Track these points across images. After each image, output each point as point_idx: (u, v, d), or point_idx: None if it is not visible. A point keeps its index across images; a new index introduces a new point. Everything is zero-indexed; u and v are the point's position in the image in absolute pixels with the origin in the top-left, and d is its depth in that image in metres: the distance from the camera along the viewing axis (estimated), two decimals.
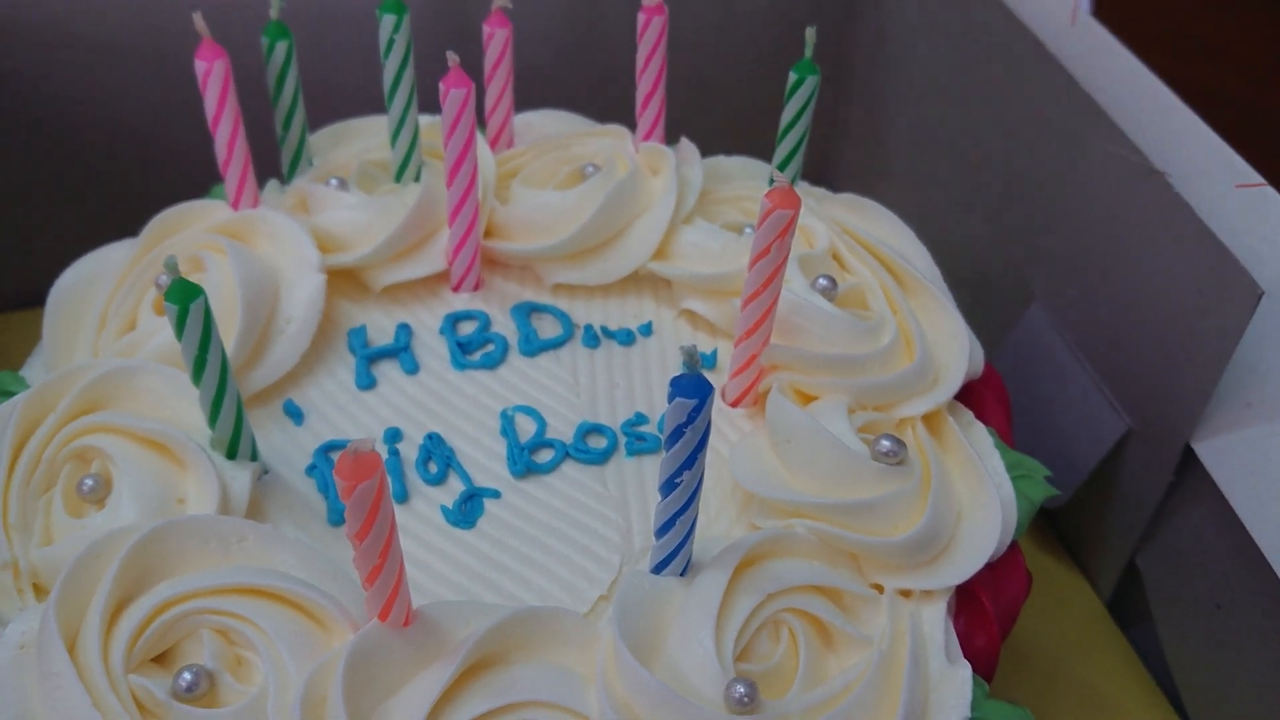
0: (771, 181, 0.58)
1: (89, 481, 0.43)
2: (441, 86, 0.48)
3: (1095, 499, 0.59)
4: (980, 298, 0.56)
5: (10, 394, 0.48)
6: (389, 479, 0.38)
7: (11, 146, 0.67)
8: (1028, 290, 0.62)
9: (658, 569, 0.41)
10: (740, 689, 0.37)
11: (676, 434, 0.37)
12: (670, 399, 0.36)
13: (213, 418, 0.44)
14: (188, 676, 0.37)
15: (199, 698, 0.37)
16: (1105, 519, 0.59)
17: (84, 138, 0.67)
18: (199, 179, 0.61)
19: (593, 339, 0.53)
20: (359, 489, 0.33)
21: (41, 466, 0.44)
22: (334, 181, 0.56)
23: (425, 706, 0.36)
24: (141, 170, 0.68)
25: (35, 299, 0.52)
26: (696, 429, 0.36)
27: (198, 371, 0.42)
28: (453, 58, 0.48)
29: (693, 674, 0.38)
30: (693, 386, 0.36)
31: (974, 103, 0.65)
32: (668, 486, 0.38)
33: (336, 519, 0.45)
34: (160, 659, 0.39)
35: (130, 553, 0.39)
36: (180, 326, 0.41)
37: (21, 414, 0.44)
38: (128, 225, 0.55)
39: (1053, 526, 0.64)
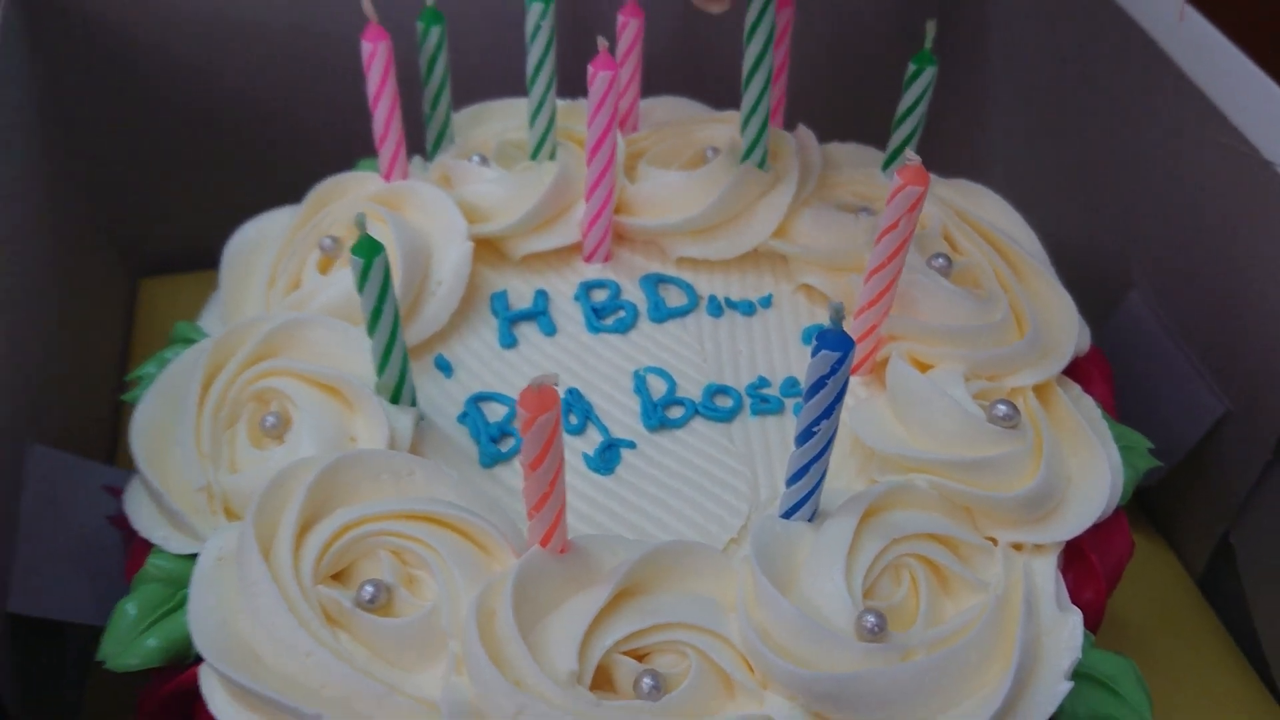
0: (889, 162, 0.61)
1: (270, 419, 0.48)
2: (590, 68, 0.52)
3: (1188, 479, 0.61)
4: (1077, 284, 0.58)
5: (190, 341, 0.53)
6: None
7: (182, 131, 0.72)
8: (1127, 276, 0.64)
9: (787, 514, 0.44)
10: (871, 619, 0.40)
11: (818, 385, 0.40)
12: (814, 352, 0.39)
13: (381, 365, 0.48)
14: (369, 589, 0.42)
15: (378, 609, 0.42)
16: (1198, 498, 0.61)
17: (239, 120, 0.73)
18: (344, 154, 0.65)
19: (717, 309, 0.57)
20: (540, 420, 0.37)
21: (226, 405, 0.48)
22: (476, 158, 0.60)
23: (584, 624, 0.40)
24: (287, 149, 0.73)
25: (200, 262, 0.57)
26: (837, 380, 0.40)
27: (374, 320, 0.46)
28: (602, 42, 0.52)
29: (825, 606, 0.41)
30: (837, 340, 0.39)
31: (1076, 93, 0.68)
32: (805, 435, 0.42)
33: (488, 461, 0.50)
34: (338, 577, 0.44)
35: (317, 479, 0.43)
36: (363, 279, 0.45)
37: (209, 358, 0.49)
38: (277, 198, 0.60)
39: (1142, 507, 0.66)
